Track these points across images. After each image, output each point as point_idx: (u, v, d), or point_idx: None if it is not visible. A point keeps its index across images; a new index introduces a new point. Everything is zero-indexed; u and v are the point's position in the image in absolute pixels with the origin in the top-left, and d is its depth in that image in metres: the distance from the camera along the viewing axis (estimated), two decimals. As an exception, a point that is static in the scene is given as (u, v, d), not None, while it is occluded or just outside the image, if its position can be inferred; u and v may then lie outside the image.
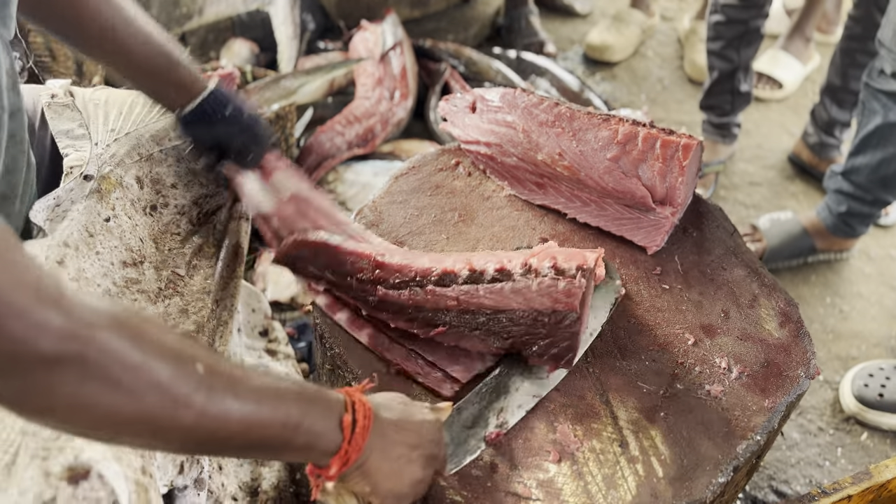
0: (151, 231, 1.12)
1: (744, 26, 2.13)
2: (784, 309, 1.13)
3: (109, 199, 1.06)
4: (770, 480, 1.67)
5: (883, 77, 1.78)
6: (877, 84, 1.80)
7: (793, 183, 2.43)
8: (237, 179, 1.17)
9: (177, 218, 1.16)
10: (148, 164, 1.15)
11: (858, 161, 1.92)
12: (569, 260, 0.97)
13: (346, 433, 0.77)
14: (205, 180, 1.21)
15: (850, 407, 1.78)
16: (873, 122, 1.84)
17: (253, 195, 1.17)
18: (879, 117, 1.82)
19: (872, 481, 1.11)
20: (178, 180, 1.18)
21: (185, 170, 1.19)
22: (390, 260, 1.03)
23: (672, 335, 1.08)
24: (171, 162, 1.18)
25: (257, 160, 1.19)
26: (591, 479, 0.92)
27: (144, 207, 1.12)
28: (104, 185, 1.06)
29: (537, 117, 1.20)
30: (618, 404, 0.99)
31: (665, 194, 1.15)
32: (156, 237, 1.12)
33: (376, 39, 2.33)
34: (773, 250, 2.09)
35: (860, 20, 2.11)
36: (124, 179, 1.09)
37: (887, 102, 1.79)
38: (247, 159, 1.17)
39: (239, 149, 1.16)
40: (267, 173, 1.19)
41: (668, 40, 2.98)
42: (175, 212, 1.16)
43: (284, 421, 0.73)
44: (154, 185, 1.14)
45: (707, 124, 2.38)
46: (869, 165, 1.90)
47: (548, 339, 0.97)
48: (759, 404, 1.01)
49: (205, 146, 1.17)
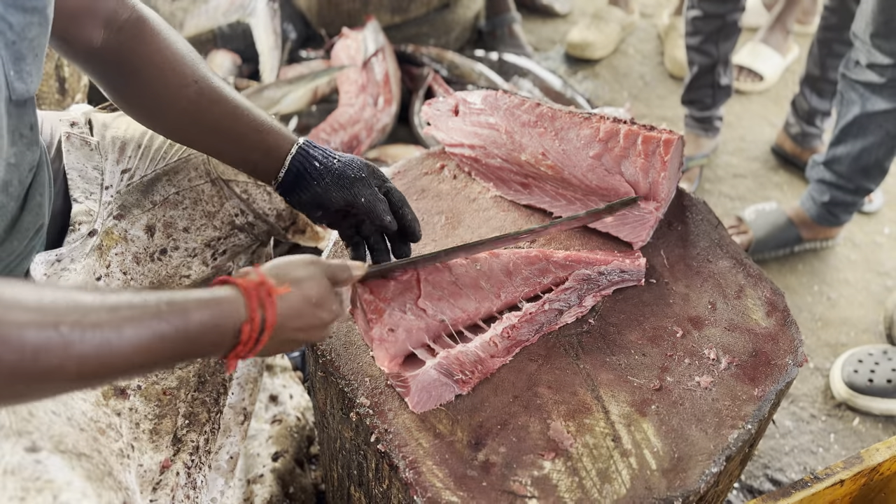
0: (156, 277, 1.08)
1: (721, 20, 2.16)
2: (770, 298, 1.14)
3: (107, 256, 1.04)
4: (765, 469, 1.69)
5: (859, 68, 1.80)
6: (853, 75, 1.83)
7: (777, 173, 2.46)
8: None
9: (187, 261, 1.13)
10: (162, 209, 1.11)
11: (839, 151, 1.94)
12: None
13: (243, 343, 0.77)
14: (219, 223, 1.15)
15: (840, 393, 1.80)
16: (852, 113, 1.86)
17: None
18: (857, 107, 1.84)
19: (864, 465, 1.12)
20: (191, 223, 1.13)
21: (202, 212, 1.14)
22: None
23: (660, 328, 1.09)
24: (188, 204, 1.13)
25: (376, 215, 1.04)
26: (586, 475, 0.92)
27: (153, 254, 1.09)
28: (105, 242, 1.04)
29: (519, 118, 1.21)
30: (609, 399, 1.00)
31: (648, 190, 1.16)
32: (160, 283, 1.08)
33: (358, 46, 2.34)
34: (759, 241, 2.11)
35: (836, 10, 2.14)
36: (129, 233, 1.06)
37: (864, 92, 1.82)
38: (374, 220, 1.04)
39: (347, 210, 1.04)
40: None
41: (649, 37, 3.00)
42: (185, 254, 1.13)
43: (172, 355, 0.71)
44: (166, 230, 1.11)
45: (689, 119, 2.40)
46: (850, 155, 1.92)
47: None
48: (749, 393, 1.02)
49: (315, 216, 1.06)
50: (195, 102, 1.01)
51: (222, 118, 1.02)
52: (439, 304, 1.02)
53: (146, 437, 0.99)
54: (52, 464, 0.76)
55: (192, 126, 1.03)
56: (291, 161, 1.02)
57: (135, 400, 1.00)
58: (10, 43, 0.82)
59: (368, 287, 0.99)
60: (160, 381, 1.03)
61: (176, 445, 1.01)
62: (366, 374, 1.02)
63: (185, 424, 1.03)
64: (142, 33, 1.01)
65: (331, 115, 2.22)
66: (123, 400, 0.98)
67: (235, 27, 2.39)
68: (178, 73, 1.01)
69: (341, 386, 1.02)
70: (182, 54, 1.03)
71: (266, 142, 1.02)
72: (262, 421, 1.46)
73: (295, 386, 1.57)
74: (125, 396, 0.99)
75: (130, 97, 1.04)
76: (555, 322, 1.08)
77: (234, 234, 1.18)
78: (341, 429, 1.06)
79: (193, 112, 1.01)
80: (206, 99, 1.01)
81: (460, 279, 1.05)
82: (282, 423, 1.46)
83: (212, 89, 1.02)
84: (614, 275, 1.13)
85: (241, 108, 1.02)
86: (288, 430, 1.46)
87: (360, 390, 1.01)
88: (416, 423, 0.97)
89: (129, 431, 0.97)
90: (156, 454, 0.99)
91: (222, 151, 1.06)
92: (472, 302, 1.05)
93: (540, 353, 1.05)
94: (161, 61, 1.01)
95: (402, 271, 1.03)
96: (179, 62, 1.02)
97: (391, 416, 0.98)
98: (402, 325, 0.99)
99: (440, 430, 0.97)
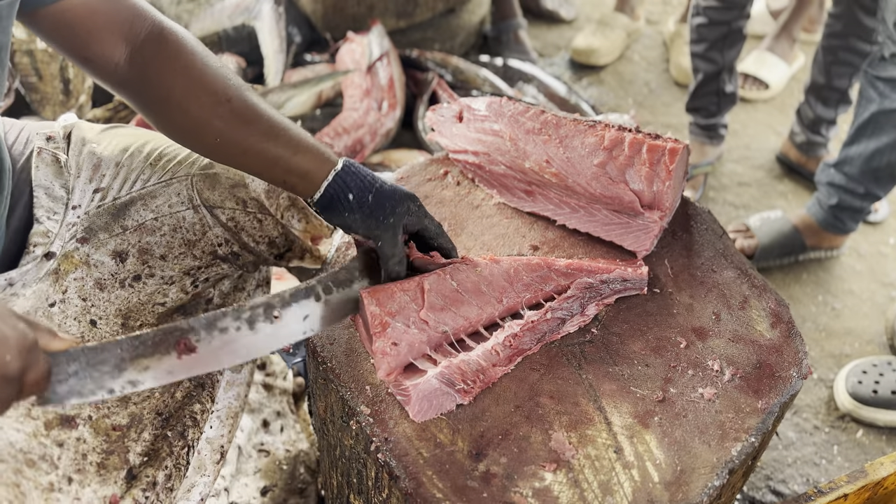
0: (125, 305, 1.02)
1: (726, 27, 2.15)
2: (775, 309, 1.13)
3: (64, 281, 0.98)
4: (767, 480, 1.68)
5: (882, 63, 1.78)
6: (874, 71, 1.81)
7: (781, 182, 2.45)
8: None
9: (163, 288, 1.06)
10: (136, 234, 1.05)
11: (852, 151, 1.92)
12: None
13: None
14: (199, 253, 1.09)
15: (844, 404, 1.79)
16: (868, 111, 1.85)
17: None
18: (875, 105, 1.83)
19: (868, 479, 1.11)
20: (169, 251, 1.07)
21: (181, 240, 1.08)
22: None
23: (664, 339, 1.08)
24: (166, 231, 1.07)
25: (390, 257, 0.99)
26: (588, 487, 0.92)
27: (123, 280, 1.03)
28: (63, 266, 0.98)
29: (524, 125, 1.21)
30: (612, 410, 0.99)
31: (653, 199, 1.15)
32: (129, 311, 1.02)
33: (363, 51, 2.34)
34: (763, 249, 2.10)
35: (841, 18, 2.13)
36: (92, 257, 1.01)
37: (884, 89, 1.80)
38: (387, 258, 0.99)
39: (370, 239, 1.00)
40: None
41: (654, 43, 2.99)
42: (161, 282, 1.06)
43: None
44: (141, 256, 1.05)
45: (694, 126, 2.40)
46: (862, 156, 1.90)
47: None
48: (753, 406, 1.01)
49: (347, 232, 1.03)
50: (229, 123, 0.97)
51: (257, 140, 0.97)
52: (441, 314, 1.01)
53: (93, 470, 0.93)
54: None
55: (227, 147, 0.98)
56: (326, 188, 0.99)
57: (83, 430, 0.94)
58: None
59: (375, 299, 0.98)
60: (111, 414, 0.96)
61: (130, 481, 0.95)
62: (366, 382, 1.02)
63: (143, 462, 0.97)
64: (166, 49, 0.98)
65: (335, 119, 2.22)
66: (70, 430, 0.93)
67: (240, 30, 2.40)
68: (211, 91, 0.97)
69: (342, 393, 1.01)
70: (213, 69, 0.98)
71: (302, 165, 0.99)
72: (250, 444, 1.41)
73: (289, 416, 1.52)
74: (73, 426, 0.93)
75: (167, 121, 1.00)
76: (557, 331, 1.08)
77: (215, 264, 1.12)
78: (341, 436, 1.05)
79: (228, 133, 0.97)
80: (240, 119, 0.97)
81: (462, 285, 1.04)
82: (269, 455, 1.42)
83: (245, 108, 0.97)
84: (617, 283, 1.12)
85: (276, 128, 0.98)
86: (276, 463, 1.41)
87: (361, 398, 1.00)
88: (417, 432, 0.96)
89: (72, 463, 0.92)
90: (101, 487, 0.93)
91: (259, 173, 1.02)
92: (473, 308, 1.04)
93: (542, 363, 1.05)
94: (191, 80, 0.97)
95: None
96: (211, 79, 0.97)
97: (391, 424, 0.97)
98: (404, 339, 0.98)
99: (441, 439, 0.96)
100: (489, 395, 1.01)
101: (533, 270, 1.09)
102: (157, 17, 1.00)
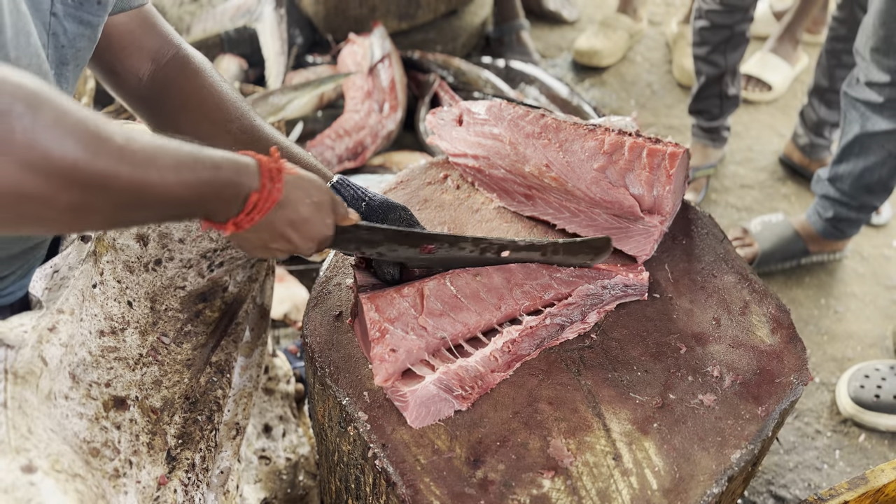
0: (151, 288, 1.09)
1: (729, 31, 2.14)
2: (775, 315, 1.12)
3: (100, 263, 1.04)
4: (768, 485, 1.67)
5: (859, 85, 1.79)
6: (853, 92, 1.81)
7: (784, 184, 2.44)
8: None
9: (182, 271, 1.13)
10: None
11: (842, 169, 1.92)
12: None
13: (250, 204, 0.83)
14: (216, 234, 1.16)
15: (846, 409, 1.78)
16: (852, 132, 1.85)
17: None
18: (857, 126, 1.83)
19: (869, 486, 1.11)
20: (187, 235, 1.14)
21: (197, 224, 1.15)
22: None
23: (664, 344, 1.08)
24: None
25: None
26: (586, 494, 0.91)
27: (147, 264, 1.10)
28: (98, 248, 1.04)
29: (523, 129, 1.20)
30: (611, 416, 0.99)
31: (653, 203, 1.15)
32: (155, 294, 1.10)
33: (364, 52, 2.34)
34: (765, 254, 2.09)
35: (844, 21, 2.12)
36: (118, 241, 1.07)
37: (865, 111, 1.80)
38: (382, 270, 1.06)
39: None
40: None
41: (657, 45, 2.99)
42: (181, 265, 1.13)
43: (200, 188, 0.78)
44: (161, 240, 1.12)
45: (696, 128, 2.39)
46: (852, 174, 1.90)
47: None
48: (753, 412, 1.00)
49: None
50: (237, 139, 1.06)
51: None
52: (440, 320, 1.01)
53: (144, 450, 0.99)
54: (46, 487, 0.76)
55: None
56: None
57: (134, 411, 1.00)
58: (60, 46, 0.90)
59: (374, 305, 0.99)
60: (150, 396, 1.03)
61: (171, 463, 1.01)
62: (364, 388, 1.01)
63: (179, 444, 1.03)
64: (186, 70, 1.08)
65: (336, 120, 2.21)
66: (124, 411, 0.99)
67: (242, 32, 2.40)
68: (223, 109, 1.07)
69: (340, 399, 1.01)
70: (225, 92, 1.08)
71: None
72: (251, 450, 1.42)
73: (291, 420, 1.52)
74: (125, 407, 0.99)
75: (177, 134, 1.06)
76: (556, 337, 1.07)
77: (230, 246, 1.18)
78: (339, 442, 1.04)
79: (232, 149, 1.04)
80: (248, 137, 1.06)
81: (461, 291, 1.04)
82: (270, 463, 1.42)
83: (252, 128, 1.07)
84: (617, 289, 1.11)
85: (279, 149, 1.05)
86: (276, 473, 1.42)
87: (359, 404, 1.00)
88: (415, 438, 0.96)
89: (129, 444, 0.97)
90: (153, 468, 0.99)
91: None
92: (472, 314, 1.03)
93: (541, 368, 1.04)
94: (205, 98, 1.07)
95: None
96: (223, 100, 1.07)
97: (389, 430, 0.97)
98: (403, 345, 0.98)
99: (438, 445, 0.95)
100: (487, 402, 1.00)
101: (533, 278, 1.08)
102: (183, 45, 1.11)
